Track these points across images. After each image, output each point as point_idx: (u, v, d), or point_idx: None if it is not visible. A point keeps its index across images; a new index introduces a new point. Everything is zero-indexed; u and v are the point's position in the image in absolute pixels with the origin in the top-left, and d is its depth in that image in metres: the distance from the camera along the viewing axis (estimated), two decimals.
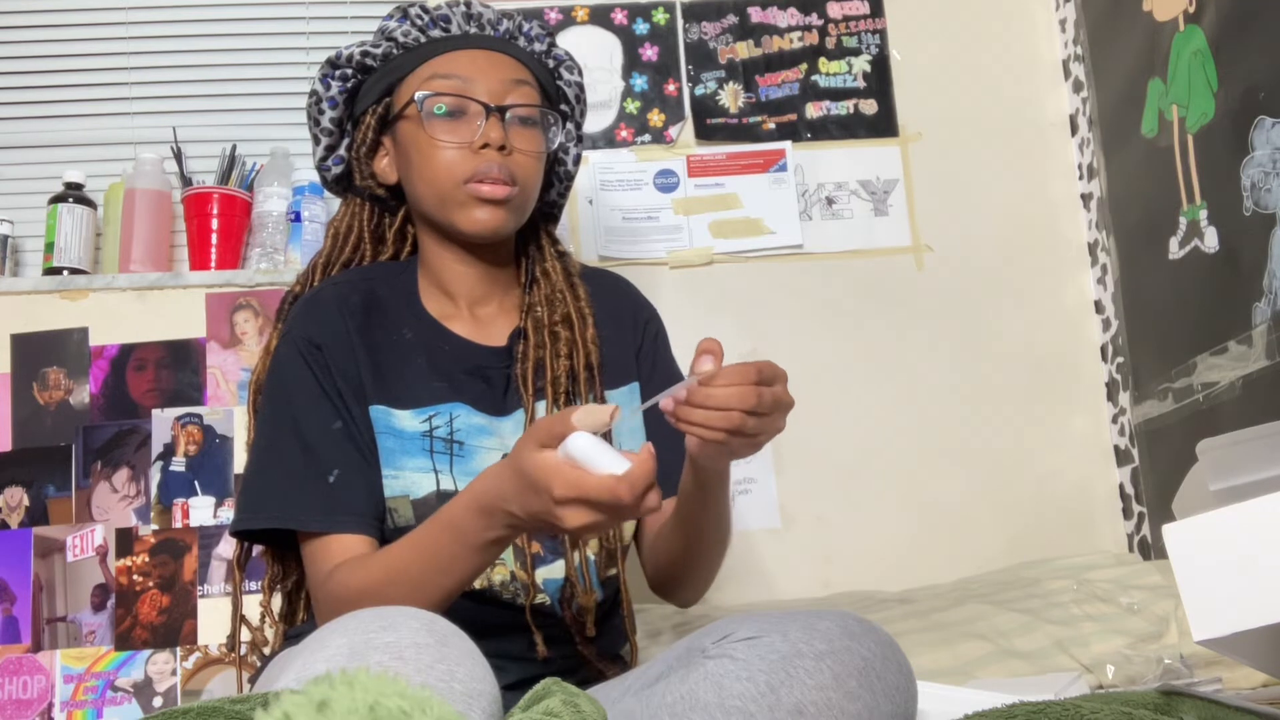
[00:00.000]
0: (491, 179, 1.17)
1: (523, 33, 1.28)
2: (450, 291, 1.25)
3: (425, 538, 1.02)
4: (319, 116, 1.28)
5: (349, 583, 1.06)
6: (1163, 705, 0.82)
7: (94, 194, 2.01)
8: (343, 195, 1.34)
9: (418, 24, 1.24)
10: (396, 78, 1.24)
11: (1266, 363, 1.53)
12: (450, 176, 1.18)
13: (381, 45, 1.25)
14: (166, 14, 2.14)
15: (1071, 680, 1.33)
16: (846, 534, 1.99)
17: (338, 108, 1.28)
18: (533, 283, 1.28)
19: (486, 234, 1.20)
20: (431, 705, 0.63)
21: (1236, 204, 1.59)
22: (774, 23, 2.17)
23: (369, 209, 1.31)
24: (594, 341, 1.24)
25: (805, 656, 0.86)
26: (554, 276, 1.28)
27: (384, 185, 1.29)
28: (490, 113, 1.19)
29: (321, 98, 1.27)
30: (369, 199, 1.31)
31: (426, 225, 1.26)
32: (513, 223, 1.22)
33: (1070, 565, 1.79)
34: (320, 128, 1.29)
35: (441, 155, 1.19)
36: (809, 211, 2.11)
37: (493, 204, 1.18)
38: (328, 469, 1.11)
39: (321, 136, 1.30)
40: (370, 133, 1.26)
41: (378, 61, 1.25)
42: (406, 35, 1.24)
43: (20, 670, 1.78)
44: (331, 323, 1.18)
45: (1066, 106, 2.17)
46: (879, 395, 2.05)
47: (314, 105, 1.29)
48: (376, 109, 1.25)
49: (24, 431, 1.86)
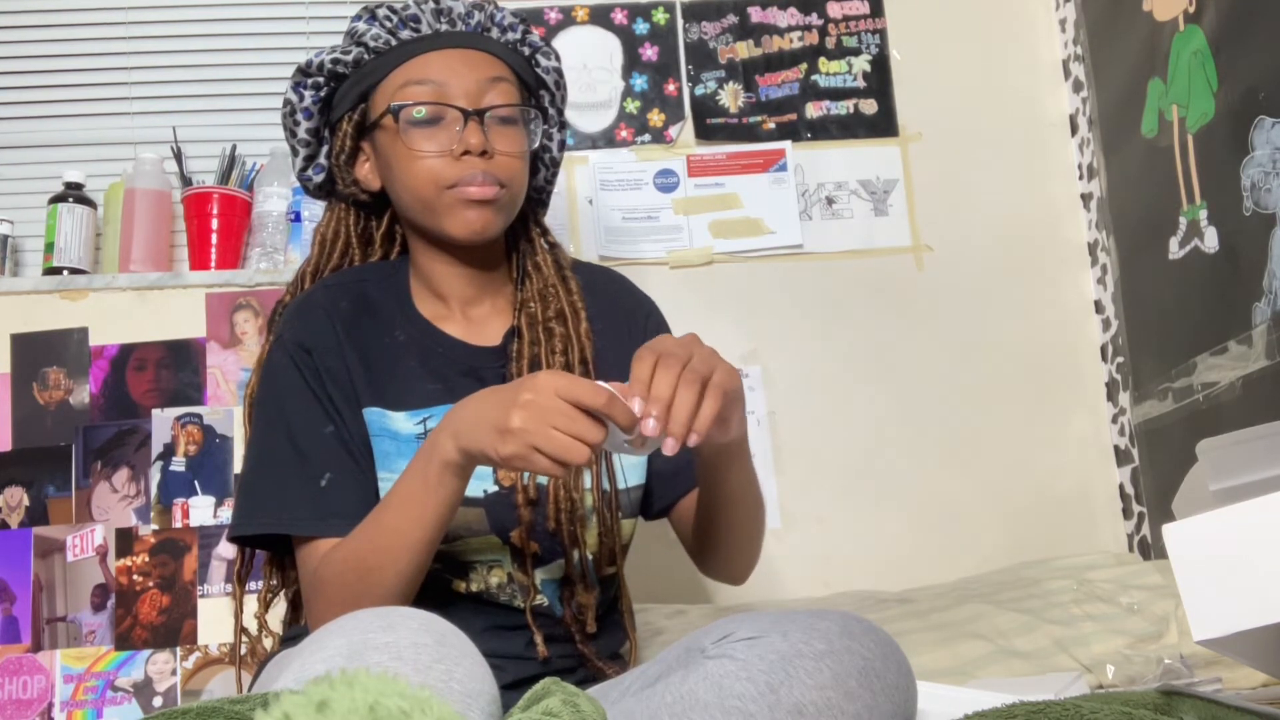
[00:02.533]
0: (476, 184, 1.16)
1: (495, 23, 1.25)
2: (442, 293, 1.25)
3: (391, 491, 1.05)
4: (294, 128, 1.26)
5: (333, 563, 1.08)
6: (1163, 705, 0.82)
7: (94, 194, 2.01)
8: (327, 201, 1.33)
9: (386, 26, 1.21)
10: (370, 83, 1.22)
11: (1266, 363, 1.53)
12: (432, 185, 1.17)
13: (352, 51, 1.22)
14: (166, 14, 2.13)
15: (1071, 680, 1.33)
16: (846, 534, 1.99)
17: (313, 117, 1.26)
18: (524, 278, 1.28)
19: (476, 237, 1.19)
20: (431, 705, 0.63)
21: (1236, 204, 1.59)
22: (774, 23, 2.17)
23: (354, 214, 1.30)
24: (588, 336, 1.24)
25: (805, 656, 0.85)
26: (545, 270, 1.28)
27: (367, 191, 1.27)
28: (469, 117, 1.17)
29: (296, 108, 1.25)
30: (353, 204, 1.30)
31: (414, 230, 1.25)
32: (502, 222, 1.21)
33: (1070, 565, 1.79)
34: (297, 139, 1.27)
35: (422, 164, 1.17)
36: (809, 211, 2.11)
37: (481, 204, 1.17)
38: (320, 473, 1.12)
39: (299, 148, 1.27)
40: (348, 140, 1.24)
41: (349, 68, 1.23)
42: (376, 40, 1.21)
43: (20, 670, 1.78)
44: (321, 327, 1.18)
45: (1066, 106, 2.17)
46: (879, 395, 2.05)
47: (289, 116, 1.26)
48: (352, 116, 1.23)
49: (24, 431, 1.86)
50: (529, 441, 0.92)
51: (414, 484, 1.02)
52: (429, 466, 1.01)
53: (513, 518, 1.16)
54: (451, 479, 1.01)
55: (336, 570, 1.08)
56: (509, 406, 0.93)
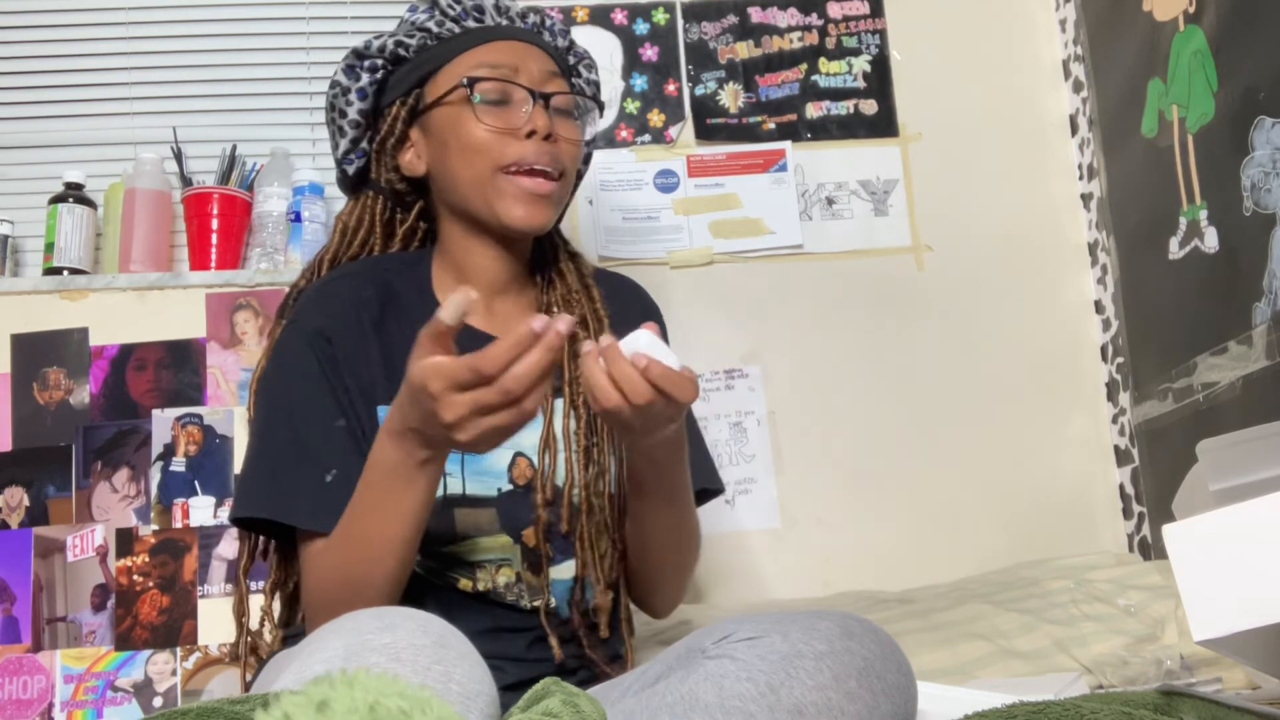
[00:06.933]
0: (540, 170, 1.17)
1: (546, 28, 1.29)
2: (469, 282, 1.23)
3: (363, 490, 1.04)
4: (346, 109, 1.26)
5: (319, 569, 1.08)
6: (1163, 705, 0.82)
7: (94, 194, 2.01)
8: (351, 194, 1.33)
9: (450, 14, 1.24)
10: (431, 69, 1.23)
11: (1266, 363, 1.53)
12: (492, 161, 1.17)
13: (416, 36, 1.24)
14: (166, 14, 2.13)
15: (1071, 680, 1.33)
16: (846, 534, 1.99)
17: (366, 98, 1.26)
18: (549, 283, 1.28)
19: (527, 229, 1.19)
20: (431, 705, 0.63)
21: (1236, 204, 1.59)
22: (774, 23, 2.17)
23: (382, 203, 1.29)
24: None
25: (805, 657, 0.85)
26: (569, 278, 1.28)
27: (405, 179, 1.27)
28: (536, 100, 1.18)
29: (350, 89, 1.25)
30: (387, 194, 1.29)
31: (454, 215, 1.24)
32: (552, 218, 1.22)
33: (1070, 565, 1.79)
34: (347, 119, 1.27)
35: (485, 139, 1.18)
36: (809, 211, 2.11)
37: (536, 199, 1.18)
38: (326, 468, 1.10)
39: (348, 129, 1.27)
40: (399, 124, 1.25)
41: (410, 52, 1.24)
42: (440, 25, 1.23)
43: (20, 670, 1.78)
44: (345, 317, 1.16)
45: (1066, 106, 2.17)
46: (879, 395, 2.05)
47: (340, 97, 1.26)
48: (406, 100, 1.24)
49: (24, 431, 1.86)
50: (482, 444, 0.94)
51: (387, 484, 1.01)
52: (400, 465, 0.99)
53: (526, 517, 1.15)
54: (430, 469, 1.00)
55: (322, 575, 1.07)
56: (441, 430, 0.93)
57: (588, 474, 1.18)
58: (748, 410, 2.01)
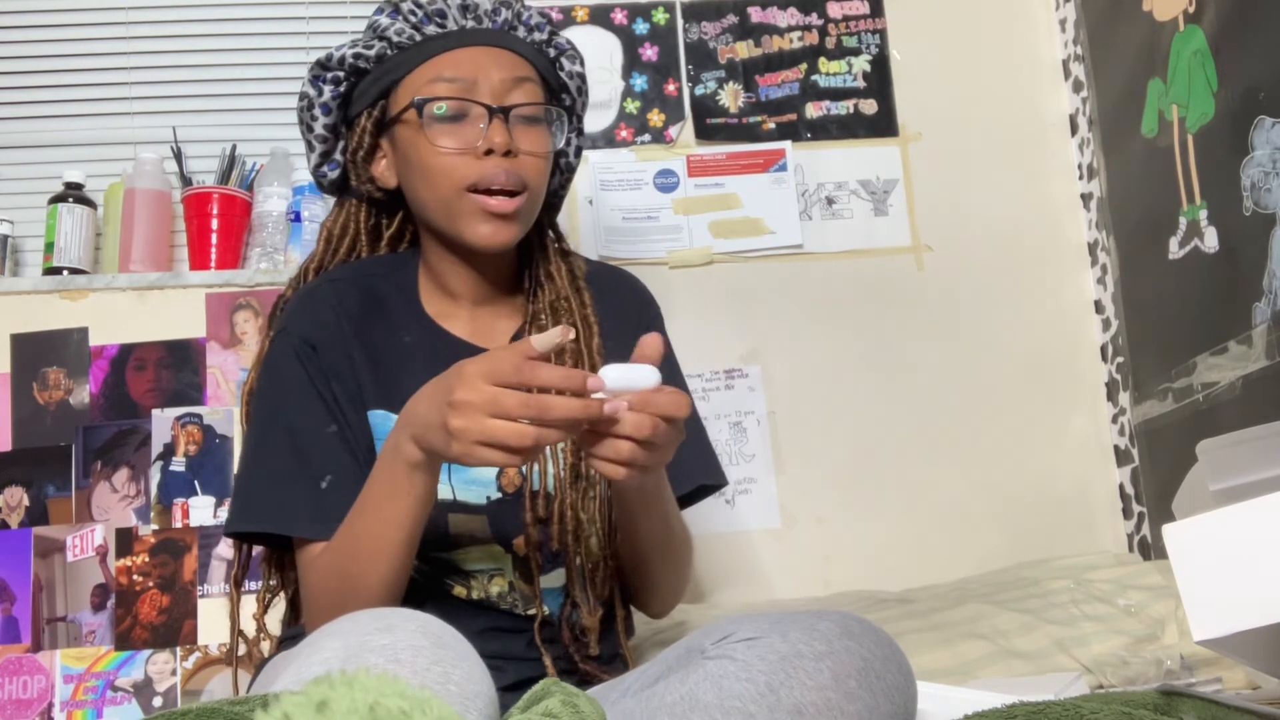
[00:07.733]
0: (498, 187, 1.14)
1: (522, 21, 1.23)
2: (452, 291, 1.23)
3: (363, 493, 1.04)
4: (311, 123, 1.24)
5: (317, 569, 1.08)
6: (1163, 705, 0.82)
7: (94, 194, 2.01)
8: (339, 197, 1.31)
9: (410, 20, 1.19)
10: (393, 79, 1.19)
11: (1266, 363, 1.53)
12: (453, 183, 1.15)
13: (375, 45, 1.20)
14: (166, 14, 2.13)
15: (1071, 680, 1.33)
16: (846, 534, 1.99)
17: (331, 113, 1.23)
18: (537, 288, 1.25)
19: (491, 248, 1.17)
20: (431, 705, 0.63)
21: (1236, 204, 1.59)
22: (774, 23, 2.17)
23: (366, 209, 1.28)
24: (599, 352, 1.22)
25: (805, 657, 0.85)
26: (558, 281, 1.25)
27: (382, 189, 1.25)
28: (494, 115, 1.15)
29: (314, 102, 1.23)
30: (366, 201, 1.28)
31: (428, 230, 1.23)
32: (519, 234, 1.19)
33: (1070, 565, 1.79)
34: (314, 134, 1.24)
35: (444, 161, 1.15)
36: (809, 211, 2.11)
37: (499, 218, 1.15)
38: (320, 474, 1.10)
39: (316, 143, 1.25)
40: (367, 136, 1.22)
41: (371, 63, 1.21)
42: (400, 34, 1.19)
43: (20, 670, 1.78)
44: (328, 323, 1.16)
45: (1066, 106, 2.17)
46: (879, 395, 2.05)
47: (305, 111, 1.24)
48: (372, 112, 1.21)
49: (24, 431, 1.86)
50: (472, 439, 0.91)
51: (385, 487, 1.01)
52: (396, 468, 1.00)
53: (516, 525, 1.15)
54: (422, 477, 1.00)
55: (320, 577, 1.07)
56: (444, 408, 0.92)
57: (575, 491, 1.17)
58: (748, 410, 2.01)
